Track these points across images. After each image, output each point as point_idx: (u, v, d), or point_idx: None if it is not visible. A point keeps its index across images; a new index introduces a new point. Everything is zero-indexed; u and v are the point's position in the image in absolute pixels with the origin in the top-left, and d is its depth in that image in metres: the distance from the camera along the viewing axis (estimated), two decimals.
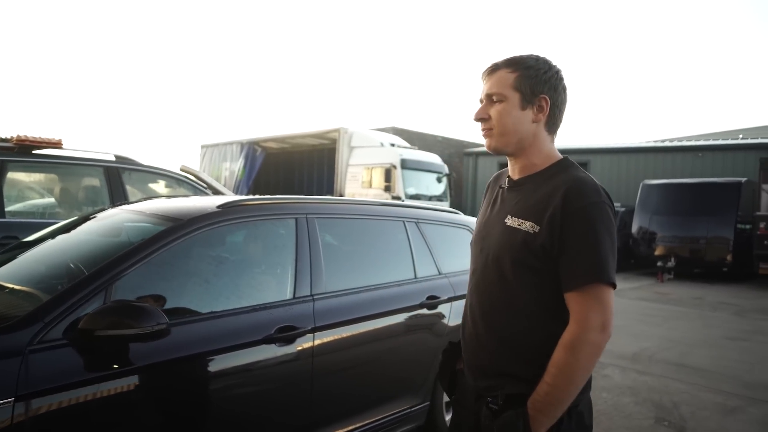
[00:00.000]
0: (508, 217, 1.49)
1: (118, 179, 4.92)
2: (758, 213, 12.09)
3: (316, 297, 2.65)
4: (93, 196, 4.94)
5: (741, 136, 19.41)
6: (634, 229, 13.66)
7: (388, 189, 13.67)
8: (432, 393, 3.23)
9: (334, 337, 2.66)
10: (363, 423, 2.82)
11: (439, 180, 14.93)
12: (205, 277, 2.48)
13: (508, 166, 1.63)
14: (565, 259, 1.37)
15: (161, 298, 2.23)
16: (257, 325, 2.39)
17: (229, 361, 2.29)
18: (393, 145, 14.68)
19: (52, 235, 2.91)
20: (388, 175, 13.77)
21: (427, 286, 3.24)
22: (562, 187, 1.40)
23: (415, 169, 14.25)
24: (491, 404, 1.47)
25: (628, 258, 13.71)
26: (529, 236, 1.41)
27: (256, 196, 2.97)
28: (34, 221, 4.35)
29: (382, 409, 2.94)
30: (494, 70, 1.50)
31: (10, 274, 2.53)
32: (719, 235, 12.50)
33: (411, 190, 13.88)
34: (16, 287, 2.37)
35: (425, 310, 3.17)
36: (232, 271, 2.62)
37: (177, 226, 2.38)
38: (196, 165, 19.76)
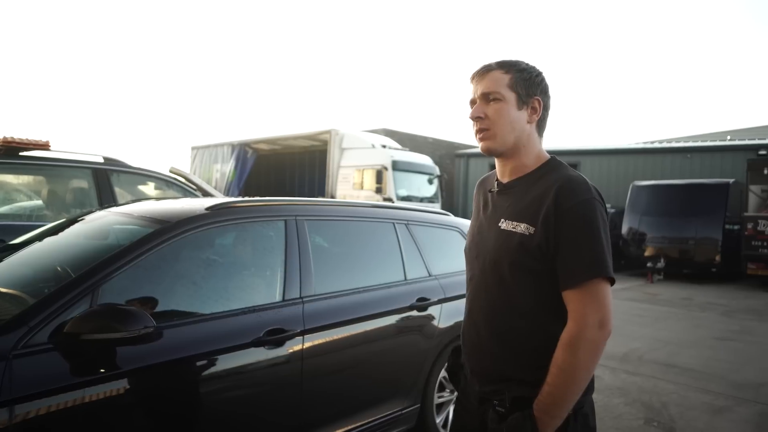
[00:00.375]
0: (502, 220, 1.49)
1: (106, 181, 4.88)
2: (746, 214, 12.16)
3: (305, 299, 2.64)
4: (81, 199, 4.89)
5: (729, 138, 19.59)
6: (624, 229, 13.75)
7: (379, 190, 13.68)
8: (423, 395, 3.23)
9: (324, 340, 2.65)
10: (353, 425, 2.81)
11: (430, 181, 14.95)
12: (194, 279, 2.47)
13: (497, 169, 1.62)
14: (561, 257, 1.38)
15: (149, 301, 2.21)
16: (246, 328, 2.38)
17: (217, 365, 2.27)
18: (384, 147, 14.68)
19: (39, 238, 2.88)
20: (380, 176, 13.78)
21: (417, 288, 3.24)
22: (554, 187, 1.41)
23: (406, 171, 14.27)
24: (498, 407, 1.46)
25: (618, 259, 13.77)
26: (525, 238, 1.42)
27: (245, 198, 2.96)
28: (21, 224, 4.30)
29: (372, 412, 2.93)
30: (488, 71, 1.50)
31: None
32: (708, 235, 12.61)
33: (402, 192, 13.89)
34: (2, 290, 2.34)
35: (415, 312, 3.16)
36: (221, 274, 2.60)
37: (165, 229, 2.36)
38: (186, 167, 19.69)
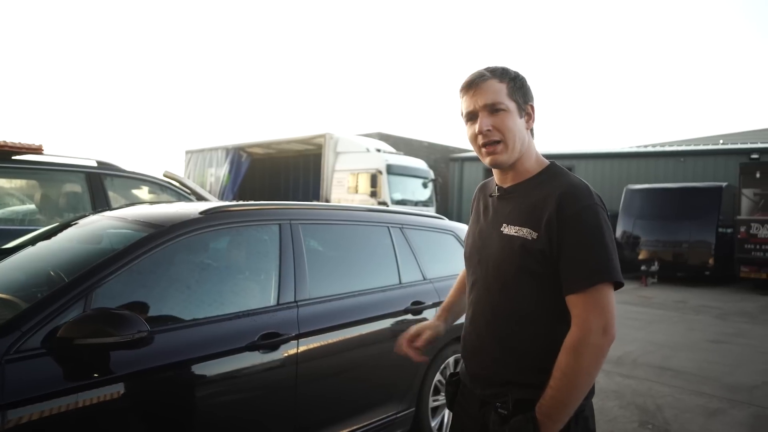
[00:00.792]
0: (504, 225, 1.49)
1: (100, 185, 4.86)
2: (739, 217, 12.23)
3: (300, 303, 2.63)
4: (74, 203, 4.87)
5: (721, 142, 19.71)
6: (618, 233, 13.79)
7: (374, 194, 13.68)
8: (418, 398, 3.23)
9: (319, 344, 2.64)
10: (349, 429, 2.81)
11: (425, 185, 14.97)
12: (188, 283, 2.46)
13: (493, 174, 1.63)
14: (564, 263, 1.39)
15: (142, 306, 2.21)
16: (241, 332, 2.37)
17: (212, 369, 2.27)
18: (379, 151, 14.69)
19: (33, 242, 2.87)
20: (374, 180, 13.78)
21: (412, 291, 3.24)
22: (556, 193, 1.41)
23: (401, 175, 14.28)
24: (500, 409, 1.46)
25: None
26: (528, 242, 1.42)
27: (240, 202, 2.96)
28: (14, 228, 4.28)
29: (367, 415, 2.93)
30: (484, 81, 1.47)
31: None
32: (701, 239, 12.67)
33: (397, 196, 13.90)
34: None
35: (410, 316, 3.17)
36: (215, 278, 2.60)
37: (159, 233, 2.36)
38: (180, 171, 19.63)
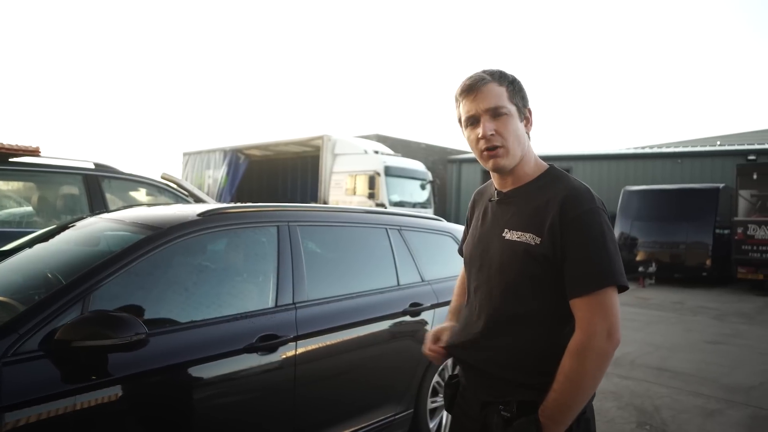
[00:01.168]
0: (506, 230, 1.49)
1: (97, 187, 4.86)
2: (736, 218, 12.26)
3: (298, 305, 2.63)
4: (72, 205, 4.87)
5: (719, 143, 19.77)
6: (616, 234, 13.82)
7: (371, 196, 13.67)
8: (416, 400, 3.23)
9: (317, 346, 2.64)
10: (347, 431, 2.80)
11: (423, 187, 14.96)
12: (186, 286, 2.46)
13: (490, 178, 1.62)
14: (568, 267, 1.38)
15: (140, 308, 2.20)
16: (239, 334, 2.37)
17: (210, 371, 2.27)
18: (377, 153, 14.69)
19: (30, 245, 2.86)
20: (372, 182, 13.78)
21: (410, 293, 3.24)
22: (558, 197, 1.41)
23: (399, 177, 14.28)
24: (503, 411, 1.45)
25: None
26: (531, 247, 1.42)
27: (237, 204, 2.95)
28: (11, 230, 4.27)
29: (365, 417, 2.92)
30: (484, 84, 1.45)
31: None
32: (698, 240, 12.70)
33: (395, 198, 13.90)
34: None
35: (408, 318, 3.17)
36: (213, 280, 2.59)
37: (157, 235, 2.36)
38: (178, 173, 19.61)
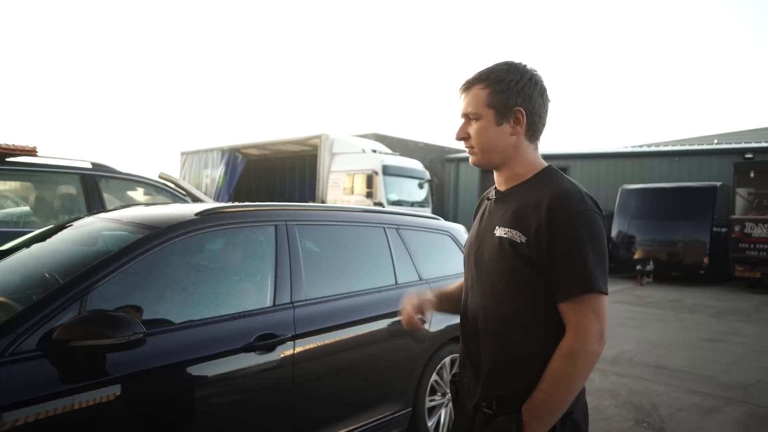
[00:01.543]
0: (497, 228, 1.49)
1: (94, 187, 4.85)
2: (733, 216, 12.29)
3: (296, 304, 2.63)
4: (69, 205, 4.86)
5: (716, 142, 19.81)
6: (614, 233, 13.84)
7: (369, 195, 13.67)
8: (414, 399, 3.23)
9: (315, 345, 2.64)
10: (345, 430, 2.81)
11: (421, 186, 14.97)
12: (184, 285, 2.45)
13: (493, 175, 1.63)
14: (555, 270, 1.38)
15: (138, 308, 2.20)
16: (237, 334, 2.37)
17: (208, 370, 2.27)
18: (374, 152, 14.69)
19: (27, 244, 2.86)
20: (370, 181, 13.78)
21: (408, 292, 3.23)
22: (546, 199, 1.40)
23: (397, 176, 14.28)
24: (485, 409, 1.47)
25: (608, 262, 13.83)
26: (516, 244, 1.42)
27: (235, 203, 2.95)
28: (9, 230, 4.26)
29: (364, 416, 2.93)
30: (468, 88, 1.49)
31: None
32: (696, 238, 12.73)
33: (393, 197, 13.90)
34: None
35: None
36: (211, 279, 2.59)
37: (154, 234, 2.36)
38: (175, 172, 19.58)
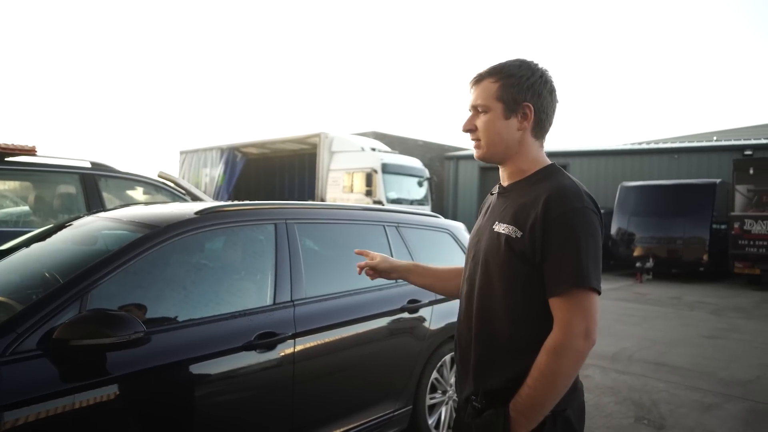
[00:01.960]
0: (496, 223, 1.50)
1: (94, 186, 4.85)
2: (733, 213, 12.29)
3: (296, 302, 2.63)
4: (69, 204, 4.86)
5: (715, 139, 19.81)
6: (613, 230, 13.85)
7: (369, 193, 13.67)
8: (414, 396, 3.24)
9: (315, 343, 2.65)
10: (346, 428, 2.81)
11: (420, 184, 14.97)
12: (184, 284, 2.46)
13: (493, 172, 1.63)
14: (548, 265, 1.38)
15: (138, 307, 2.20)
16: (237, 332, 2.37)
17: (208, 369, 2.27)
18: (374, 150, 14.68)
19: (27, 244, 2.85)
20: (369, 179, 13.78)
21: (408, 290, 3.24)
22: (544, 195, 1.40)
23: (396, 174, 14.28)
24: (474, 402, 1.47)
25: (608, 259, 13.86)
26: (512, 239, 1.42)
27: (235, 202, 2.95)
28: (8, 230, 4.26)
29: (364, 414, 2.93)
30: (479, 81, 1.51)
31: None
32: (695, 235, 12.74)
33: (392, 195, 13.89)
34: None
35: (406, 314, 3.17)
36: (211, 278, 2.59)
37: (154, 233, 2.36)
38: (175, 171, 19.56)
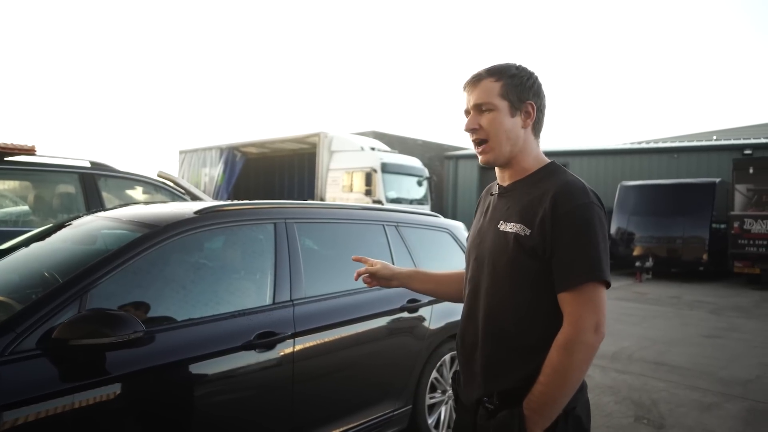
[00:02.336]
0: (501, 222, 1.50)
1: (93, 186, 4.84)
2: (732, 213, 12.29)
3: (295, 302, 2.63)
4: (68, 204, 4.85)
5: (715, 138, 19.83)
6: (613, 229, 13.85)
7: (368, 193, 13.67)
8: (414, 396, 3.23)
9: (315, 342, 2.65)
10: (345, 428, 2.81)
11: (420, 183, 14.98)
12: (183, 283, 2.45)
13: (496, 174, 1.62)
14: (557, 260, 1.39)
15: (138, 306, 2.20)
16: (237, 332, 2.37)
17: (208, 369, 2.27)
18: (373, 149, 14.68)
19: (26, 243, 2.85)
20: (369, 179, 13.78)
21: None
22: (551, 191, 1.42)
23: (396, 173, 14.28)
24: (487, 404, 1.46)
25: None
26: (521, 237, 1.43)
27: (234, 201, 2.95)
28: (7, 229, 4.25)
29: (364, 414, 2.93)
30: (478, 81, 1.50)
31: None
32: (695, 234, 12.75)
33: (392, 194, 13.90)
34: None
35: (406, 314, 3.17)
36: (211, 278, 2.59)
37: (154, 233, 2.35)
38: (174, 171, 19.57)
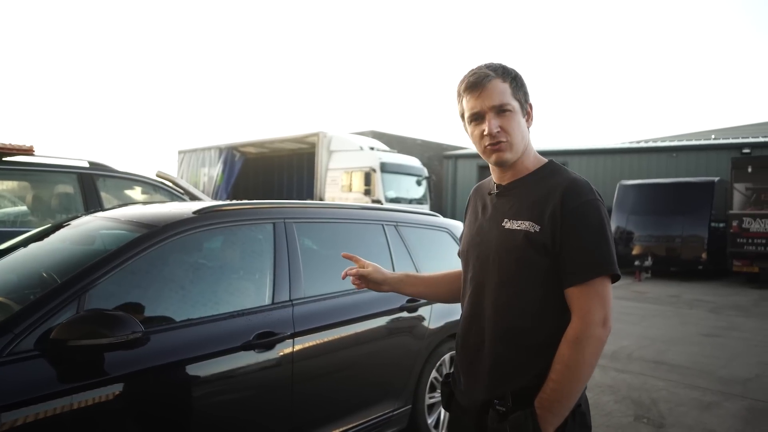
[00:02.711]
0: (506, 220, 1.49)
1: (92, 186, 4.83)
2: (731, 211, 12.30)
3: (295, 302, 2.63)
4: (66, 204, 4.84)
5: (713, 137, 19.84)
6: (612, 229, 13.82)
7: (367, 192, 13.68)
8: (414, 396, 3.23)
9: (314, 342, 2.64)
10: (345, 427, 2.80)
11: (419, 183, 14.98)
12: (182, 283, 2.44)
13: (493, 173, 1.60)
14: (565, 255, 1.40)
15: (136, 306, 2.20)
16: (236, 332, 2.36)
17: (207, 369, 2.26)
18: (372, 149, 14.69)
19: (24, 244, 2.84)
20: (368, 178, 13.78)
21: None
22: (560, 188, 1.43)
23: (395, 173, 14.29)
24: (498, 406, 1.44)
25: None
26: (530, 234, 1.43)
27: (233, 201, 2.95)
28: (5, 230, 4.24)
29: (364, 413, 2.92)
30: (489, 81, 1.45)
31: None
32: (694, 233, 12.75)
33: (391, 194, 13.90)
34: None
35: (405, 314, 3.17)
36: (210, 278, 2.59)
37: (152, 233, 2.35)
38: (173, 171, 19.56)
